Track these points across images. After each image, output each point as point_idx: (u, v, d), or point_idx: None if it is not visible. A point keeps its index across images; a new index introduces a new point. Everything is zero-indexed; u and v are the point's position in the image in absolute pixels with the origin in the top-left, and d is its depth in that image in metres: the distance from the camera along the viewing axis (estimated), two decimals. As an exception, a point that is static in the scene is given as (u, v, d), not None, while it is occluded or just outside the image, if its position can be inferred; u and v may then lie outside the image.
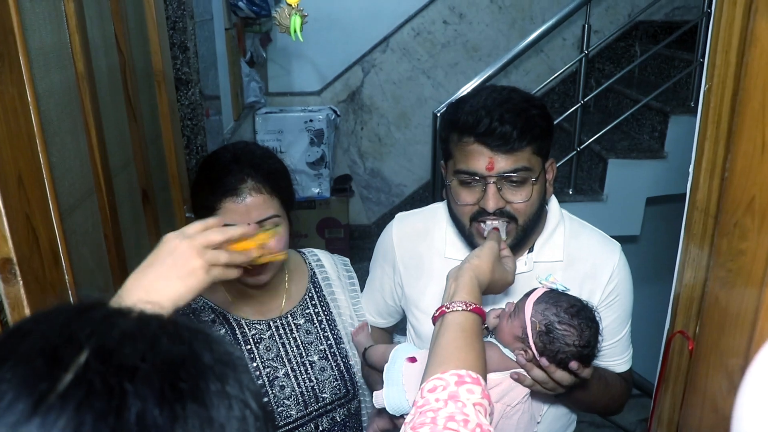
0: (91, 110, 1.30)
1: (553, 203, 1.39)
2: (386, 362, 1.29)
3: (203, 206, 1.29)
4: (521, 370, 1.18)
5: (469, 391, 0.88)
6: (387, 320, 1.56)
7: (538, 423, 1.30)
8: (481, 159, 1.21)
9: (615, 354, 1.40)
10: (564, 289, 1.19)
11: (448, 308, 1.04)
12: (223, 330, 1.36)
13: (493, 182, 1.22)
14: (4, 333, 0.48)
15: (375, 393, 1.27)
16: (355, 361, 1.46)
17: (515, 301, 1.24)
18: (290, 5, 1.23)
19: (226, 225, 1.11)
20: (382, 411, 1.27)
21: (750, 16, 0.82)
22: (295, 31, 1.25)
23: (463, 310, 1.03)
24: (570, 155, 3.31)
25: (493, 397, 1.18)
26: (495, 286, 1.16)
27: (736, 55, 0.89)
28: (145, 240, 1.69)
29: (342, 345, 1.46)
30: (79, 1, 1.28)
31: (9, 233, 0.98)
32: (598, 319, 1.18)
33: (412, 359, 1.27)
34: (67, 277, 1.18)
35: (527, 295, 1.21)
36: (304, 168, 4.04)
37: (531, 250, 1.35)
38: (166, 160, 1.91)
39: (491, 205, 1.23)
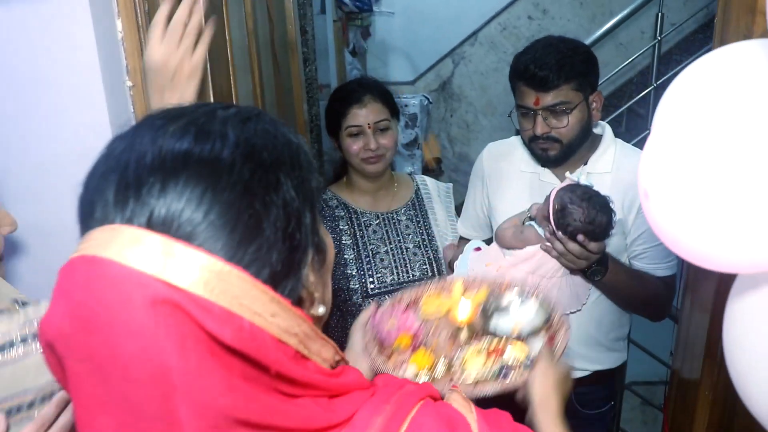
0: (255, 57, 1.82)
1: (608, 130, 1.71)
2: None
3: (335, 112, 1.80)
4: (549, 244, 1.51)
5: None
6: (479, 233, 1.91)
7: (584, 304, 1.62)
8: (530, 97, 1.58)
9: (655, 258, 1.63)
10: (587, 183, 1.49)
11: None
12: (344, 213, 1.87)
13: (540, 114, 1.58)
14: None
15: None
16: (442, 255, 1.90)
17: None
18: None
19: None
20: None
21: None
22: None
23: None
24: (642, 134, 3.61)
25: (528, 268, 1.53)
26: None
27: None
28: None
29: (434, 242, 1.91)
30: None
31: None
32: (611, 207, 1.46)
33: (478, 249, 1.67)
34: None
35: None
36: (400, 149, 4.48)
37: (585, 164, 1.68)
38: (295, 112, 2.43)
39: (539, 130, 1.60)
